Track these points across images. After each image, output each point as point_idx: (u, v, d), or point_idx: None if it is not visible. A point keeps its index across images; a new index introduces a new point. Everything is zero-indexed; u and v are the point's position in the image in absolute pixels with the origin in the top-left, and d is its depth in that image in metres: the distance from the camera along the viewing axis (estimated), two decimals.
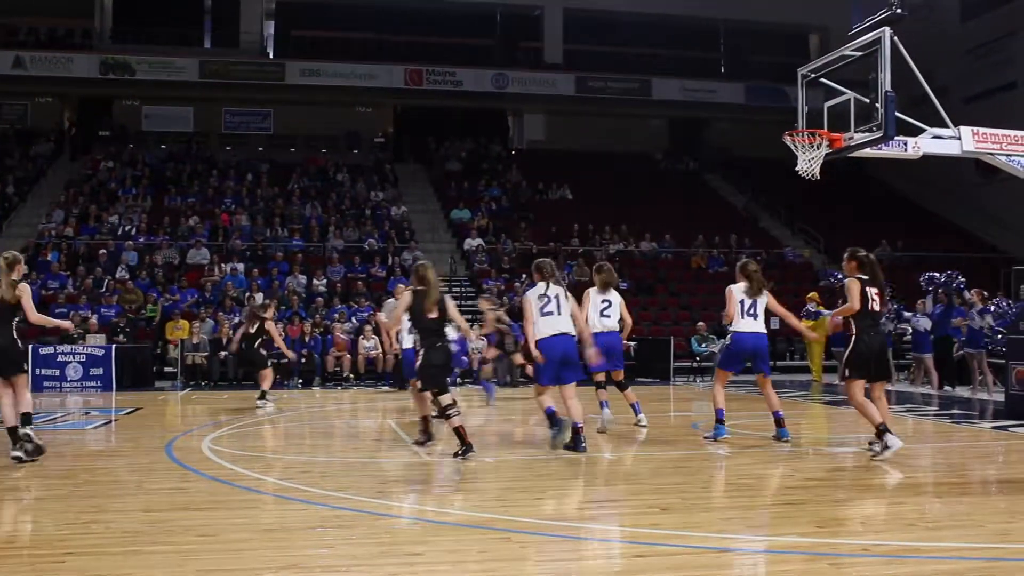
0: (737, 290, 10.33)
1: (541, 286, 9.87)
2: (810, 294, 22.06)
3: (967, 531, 6.37)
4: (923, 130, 12.39)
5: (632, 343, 20.69)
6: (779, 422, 10.33)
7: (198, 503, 7.35)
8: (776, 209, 34.50)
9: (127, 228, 26.71)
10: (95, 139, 34.56)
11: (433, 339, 9.55)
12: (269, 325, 15.84)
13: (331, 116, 36.43)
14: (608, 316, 11.61)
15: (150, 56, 33.72)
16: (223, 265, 24.79)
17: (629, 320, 12.04)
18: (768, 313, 10.55)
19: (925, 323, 18.49)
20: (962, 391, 17.96)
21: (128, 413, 14.44)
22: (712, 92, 37.59)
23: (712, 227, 30.35)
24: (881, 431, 9.18)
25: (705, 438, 10.67)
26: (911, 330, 19.54)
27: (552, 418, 9.80)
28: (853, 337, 9.34)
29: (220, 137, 36.10)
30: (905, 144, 12.22)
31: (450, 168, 34.31)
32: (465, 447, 9.29)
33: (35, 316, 9.27)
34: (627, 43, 37.81)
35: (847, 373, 9.37)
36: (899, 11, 11.77)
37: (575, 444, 9.68)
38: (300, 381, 20.39)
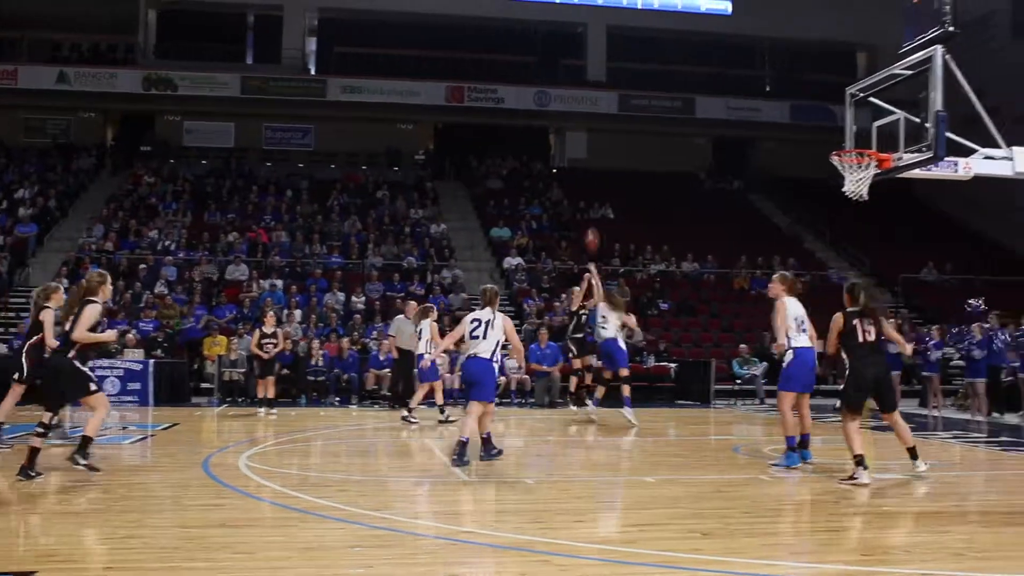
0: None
1: (482, 311, 10.40)
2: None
3: (1017, 563, 6.28)
4: (974, 150, 12.26)
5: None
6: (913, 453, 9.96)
7: (235, 520, 7.40)
8: (820, 230, 34.25)
9: (167, 243, 27.00)
10: (136, 154, 35.01)
11: None
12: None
13: (372, 133, 36.64)
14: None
15: (192, 72, 34.17)
16: (261, 281, 24.97)
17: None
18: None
19: (977, 351, 18.23)
20: (1011, 418, 17.70)
21: (165, 428, 14.57)
22: (757, 111, 37.43)
23: (755, 248, 30.17)
24: (858, 462, 9.33)
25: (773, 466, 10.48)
26: (957, 355, 19.30)
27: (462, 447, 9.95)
28: (847, 370, 9.54)
29: (260, 153, 36.39)
30: (956, 165, 12.10)
31: (491, 186, 34.39)
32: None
33: (50, 341, 10.73)
34: (671, 61, 37.77)
35: (838, 405, 9.75)
36: (951, 28, 11.68)
37: (458, 456, 9.94)
38: (337, 399, 20.46)
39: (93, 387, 9.33)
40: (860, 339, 9.50)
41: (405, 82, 35.28)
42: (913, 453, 9.70)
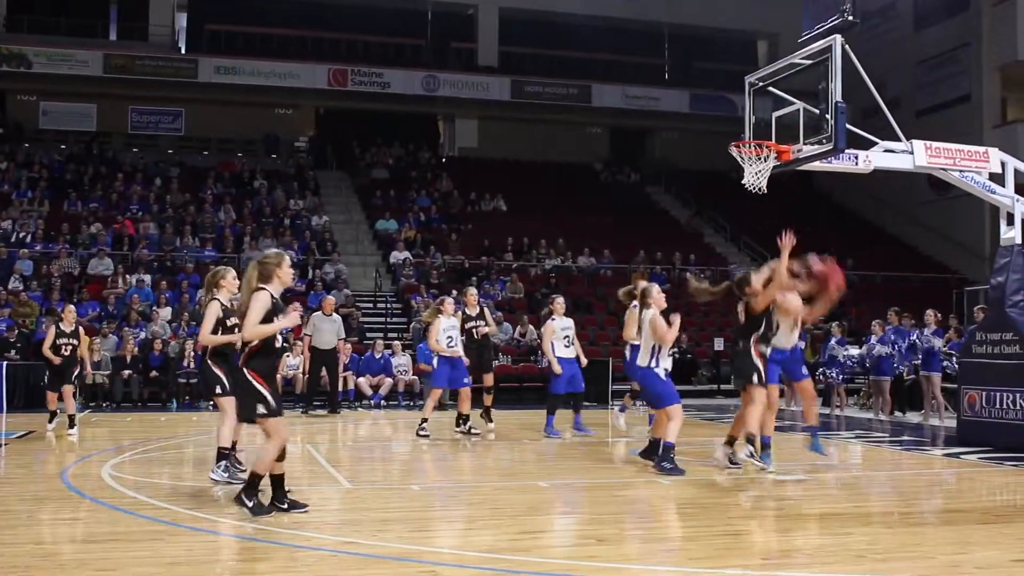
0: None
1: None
2: None
3: (917, 562, 6.49)
4: (875, 143, 12.66)
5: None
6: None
7: (97, 535, 7.22)
8: (721, 224, 34.93)
9: (22, 235, 26.16)
10: None
11: None
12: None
13: (248, 117, 36.08)
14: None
15: (49, 47, 33.07)
16: (128, 276, 24.40)
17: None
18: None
19: (882, 348, 18.75)
20: (913, 416, 18.31)
21: (19, 437, 14.13)
22: (655, 100, 37.95)
23: (654, 242, 30.62)
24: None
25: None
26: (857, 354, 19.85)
27: None
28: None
29: (126, 137, 35.53)
30: (856, 158, 12.48)
31: (376, 176, 34.17)
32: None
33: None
34: (566, 46, 38.05)
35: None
36: (851, 18, 12.03)
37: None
38: (211, 404, 20.10)
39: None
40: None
41: (284, 63, 34.83)
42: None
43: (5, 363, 19.05)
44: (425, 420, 14.06)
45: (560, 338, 13.97)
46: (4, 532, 7.34)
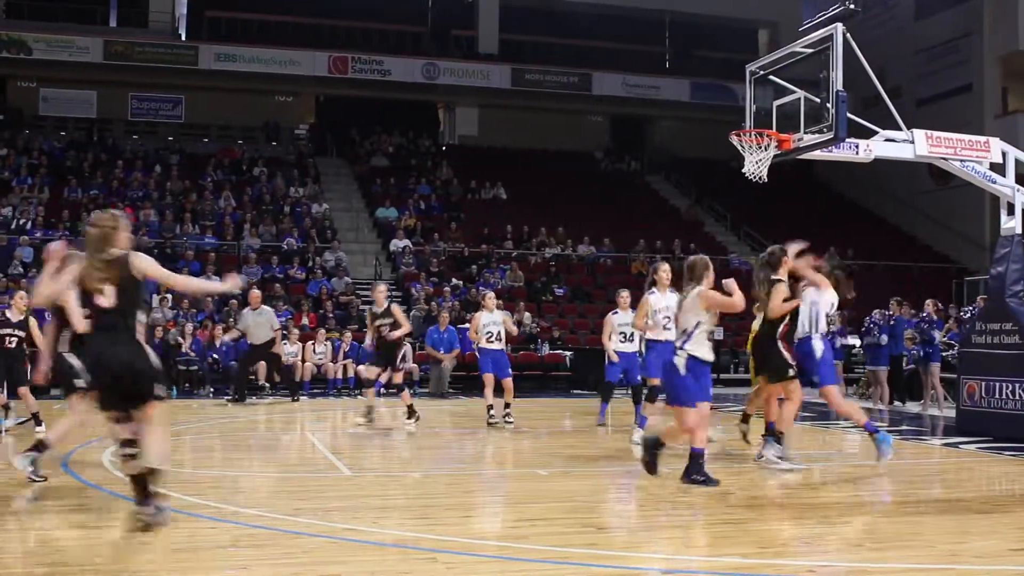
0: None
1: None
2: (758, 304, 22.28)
3: (915, 551, 6.51)
4: (875, 132, 12.65)
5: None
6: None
7: (97, 521, 7.23)
8: (722, 213, 34.92)
9: (22, 222, 26.16)
10: None
11: None
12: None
13: (248, 105, 36.05)
14: None
15: (49, 34, 33.02)
16: None
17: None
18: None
19: (883, 336, 18.75)
20: (912, 406, 18.33)
21: (21, 423, 14.13)
22: (656, 88, 37.92)
23: (654, 231, 30.63)
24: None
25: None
26: (860, 343, 19.88)
27: None
28: None
29: (126, 124, 35.49)
30: (856, 147, 12.47)
31: (376, 163, 34.16)
32: None
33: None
34: (567, 34, 37.99)
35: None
36: (852, 6, 12.04)
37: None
38: (211, 390, 20.16)
39: None
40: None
41: (284, 51, 34.78)
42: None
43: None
44: (491, 407, 14.11)
45: (618, 333, 13.89)
46: (5, 519, 7.36)
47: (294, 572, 5.79)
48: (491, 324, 14.04)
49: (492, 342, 14.05)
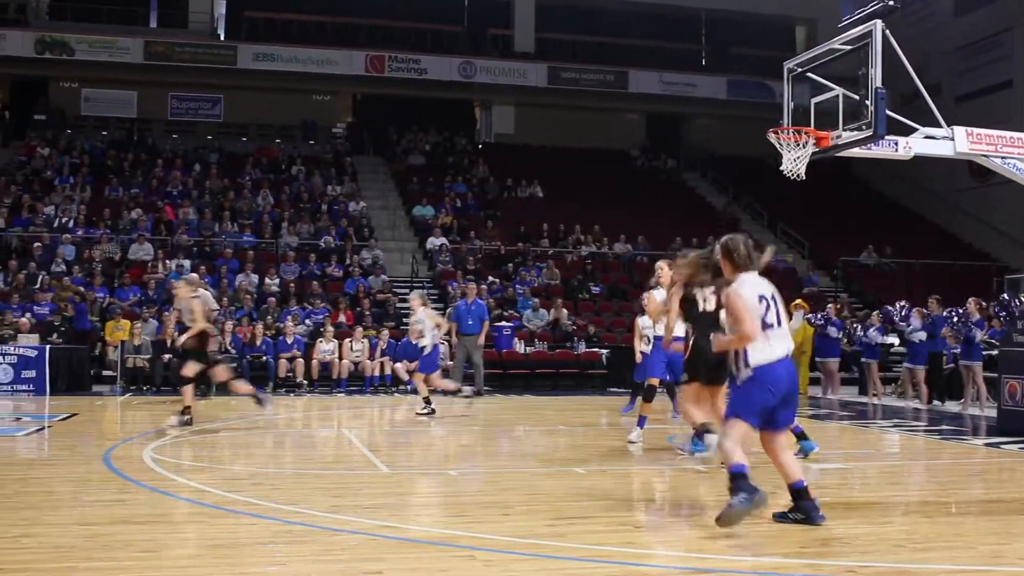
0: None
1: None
2: (797, 301, 22.15)
3: (957, 552, 6.43)
4: (914, 129, 12.51)
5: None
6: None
7: (139, 516, 7.27)
8: (758, 211, 34.71)
9: (64, 220, 26.41)
10: (29, 123, 34.10)
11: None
12: None
13: (286, 104, 36.21)
14: None
15: (90, 35, 33.36)
16: (168, 261, 24.58)
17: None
18: None
19: (920, 335, 18.59)
20: (952, 406, 18.14)
21: (63, 419, 14.29)
22: (692, 86, 37.76)
23: (690, 229, 30.42)
24: (703, 431, 9.54)
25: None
26: (898, 341, 19.71)
27: None
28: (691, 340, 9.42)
29: (165, 124, 35.79)
30: (896, 144, 12.34)
31: (413, 162, 34.23)
32: None
33: None
34: (603, 32, 37.88)
35: (685, 377, 9.57)
36: (891, 3, 11.91)
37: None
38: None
39: None
40: (700, 309, 9.37)
41: (322, 50, 34.93)
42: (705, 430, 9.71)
43: (48, 347, 19.36)
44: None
45: (643, 335, 13.96)
46: (48, 513, 7.42)
47: (333, 569, 5.80)
48: (647, 329, 13.90)
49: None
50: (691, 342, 9.38)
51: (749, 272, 7.16)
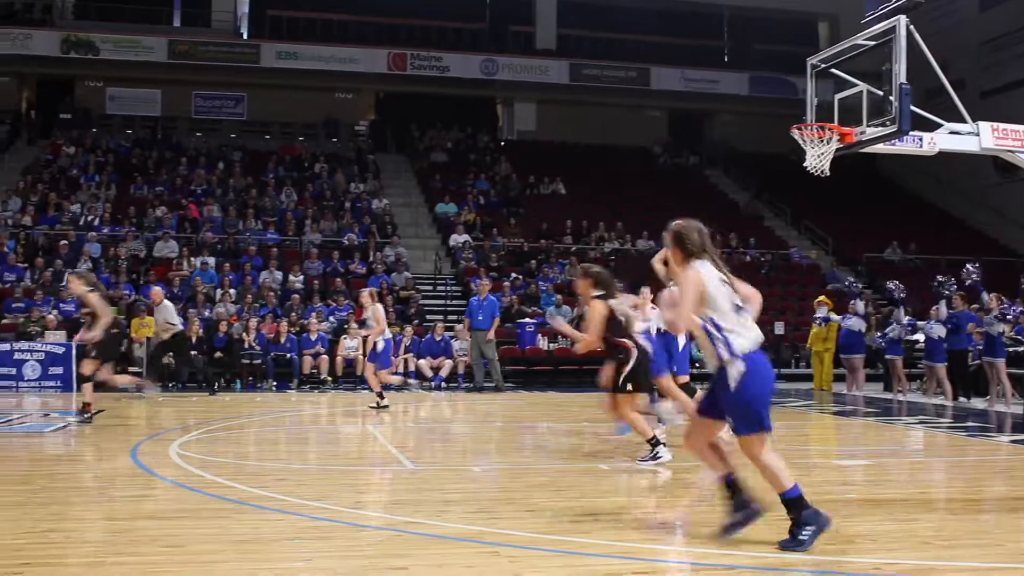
0: None
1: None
2: (820, 298, 22.09)
3: (984, 550, 6.39)
4: (939, 125, 12.40)
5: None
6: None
7: (165, 512, 7.32)
8: (781, 207, 34.56)
9: (90, 218, 26.58)
10: (55, 122, 34.34)
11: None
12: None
13: (309, 102, 36.31)
14: None
15: (115, 34, 33.54)
16: (192, 259, 24.70)
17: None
18: None
19: (939, 330, 18.49)
20: (978, 402, 18.02)
21: (90, 416, 14.35)
22: (714, 83, 37.65)
23: (713, 225, 30.23)
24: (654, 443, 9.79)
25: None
26: (924, 338, 19.60)
27: None
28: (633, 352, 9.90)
29: (190, 122, 35.95)
30: (920, 140, 12.24)
31: (435, 159, 34.26)
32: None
33: None
34: (625, 29, 37.85)
35: (629, 388, 9.79)
36: None
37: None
38: (274, 384, 20.37)
39: None
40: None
41: (344, 48, 35.03)
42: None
43: (75, 343, 19.46)
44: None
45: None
46: (75, 508, 7.48)
47: (359, 565, 5.82)
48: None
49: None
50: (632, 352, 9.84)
51: (702, 260, 6.92)
